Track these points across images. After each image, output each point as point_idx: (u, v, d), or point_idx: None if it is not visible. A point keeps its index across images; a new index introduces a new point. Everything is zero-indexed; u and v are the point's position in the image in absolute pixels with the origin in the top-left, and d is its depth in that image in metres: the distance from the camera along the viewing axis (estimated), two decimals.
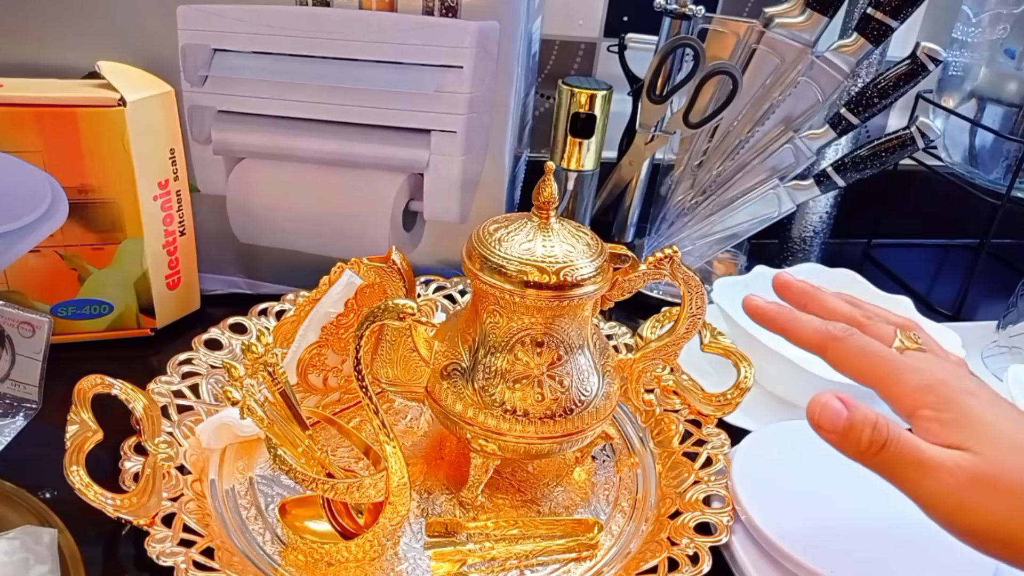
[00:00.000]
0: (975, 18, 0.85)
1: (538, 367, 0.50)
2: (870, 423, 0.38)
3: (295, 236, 0.73)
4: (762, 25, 0.72)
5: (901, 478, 0.38)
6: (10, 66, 0.62)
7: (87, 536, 0.48)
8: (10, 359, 0.58)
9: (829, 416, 0.39)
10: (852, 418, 0.38)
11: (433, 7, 0.64)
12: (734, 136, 0.76)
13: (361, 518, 0.51)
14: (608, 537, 0.54)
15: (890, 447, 0.37)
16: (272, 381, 0.48)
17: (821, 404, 0.39)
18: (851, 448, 0.39)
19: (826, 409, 0.39)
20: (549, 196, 0.50)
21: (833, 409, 0.39)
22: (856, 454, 0.39)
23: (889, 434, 0.38)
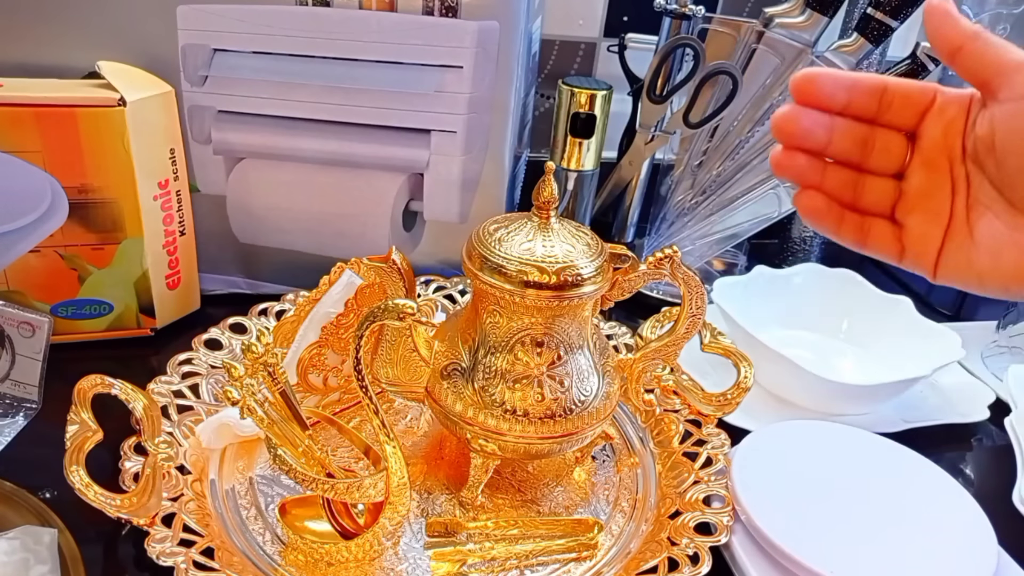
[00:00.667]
0: (975, 18, 0.85)
1: (538, 367, 0.50)
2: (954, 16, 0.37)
3: (295, 236, 0.73)
4: (762, 25, 0.72)
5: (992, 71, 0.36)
6: (10, 66, 0.62)
7: (87, 536, 0.48)
8: (10, 359, 0.58)
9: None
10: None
11: (433, 7, 0.64)
12: (734, 136, 0.76)
13: (361, 518, 0.51)
14: (608, 537, 0.54)
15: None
16: (272, 381, 0.48)
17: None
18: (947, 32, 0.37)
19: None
20: (549, 196, 0.50)
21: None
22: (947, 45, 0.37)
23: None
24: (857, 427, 0.59)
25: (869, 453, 0.58)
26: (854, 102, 0.40)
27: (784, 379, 0.66)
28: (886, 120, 0.40)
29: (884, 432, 0.60)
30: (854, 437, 0.59)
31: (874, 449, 0.58)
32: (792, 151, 0.40)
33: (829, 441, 0.58)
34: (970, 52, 0.37)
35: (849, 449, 0.58)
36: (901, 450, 0.57)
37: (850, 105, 0.40)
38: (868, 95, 0.40)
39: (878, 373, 0.70)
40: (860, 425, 0.60)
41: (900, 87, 0.40)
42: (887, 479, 0.55)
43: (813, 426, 0.60)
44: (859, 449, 0.58)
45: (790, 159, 0.41)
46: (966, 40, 0.37)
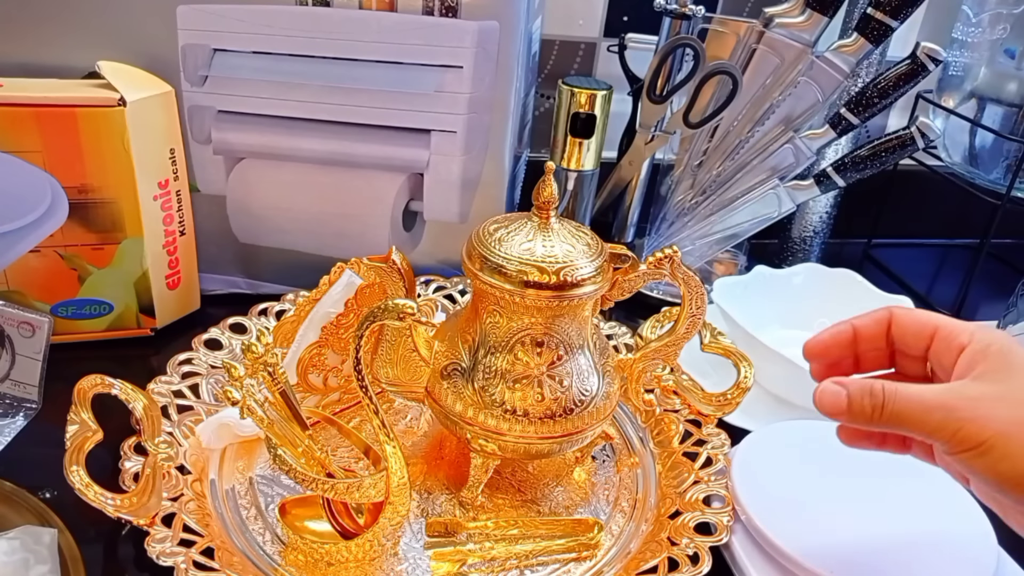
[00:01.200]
0: (975, 18, 0.85)
1: (538, 367, 0.50)
2: (866, 391, 0.40)
3: (295, 236, 0.73)
4: (762, 25, 0.72)
5: (916, 427, 0.39)
6: (10, 66, 0.62)
7: (87, 536, 0.48)
8: (10, 359, 0.58)
9: (830, 400, 0.42)
10: (850, 393, 0.41)
11: (433, 7, 0.64)
12: (734, 136, 0.76)
13: (361, 518, 0.51)
14: (608, 537, 0.54)
15: (889, 402, 0.40)
16: (272, 381, 0.48)
17: (821, 392, 0.42)
18: (862, 420, 0.41)
19: (825, 395, 0.42)
20: (549, 196, 0.50)
21: (831, 392, 0.42)
22: (868, 423, 0.41)
23: (885, 391, 0.40)
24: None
25: (869, 453, 0.57)
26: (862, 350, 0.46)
27: (784, 379, 0.66)
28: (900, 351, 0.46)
29: None
30: None
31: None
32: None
33: (829, 441, 0.58)
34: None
35: (849, 449, 0.58)
36: None
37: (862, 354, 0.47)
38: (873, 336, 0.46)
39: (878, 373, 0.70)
40: None
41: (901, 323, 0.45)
42: (887, 479, 0.55)
43: (813, 426, 0.60)
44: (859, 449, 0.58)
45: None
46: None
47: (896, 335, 0.45)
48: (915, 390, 0.40)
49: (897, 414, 0.40)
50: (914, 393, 0.39)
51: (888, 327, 0.45)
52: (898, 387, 0.40)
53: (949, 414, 0.38)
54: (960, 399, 0.39)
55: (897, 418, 0.40)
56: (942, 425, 0.38)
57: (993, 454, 0.37)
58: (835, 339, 0.47)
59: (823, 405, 0.42)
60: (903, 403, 0.39)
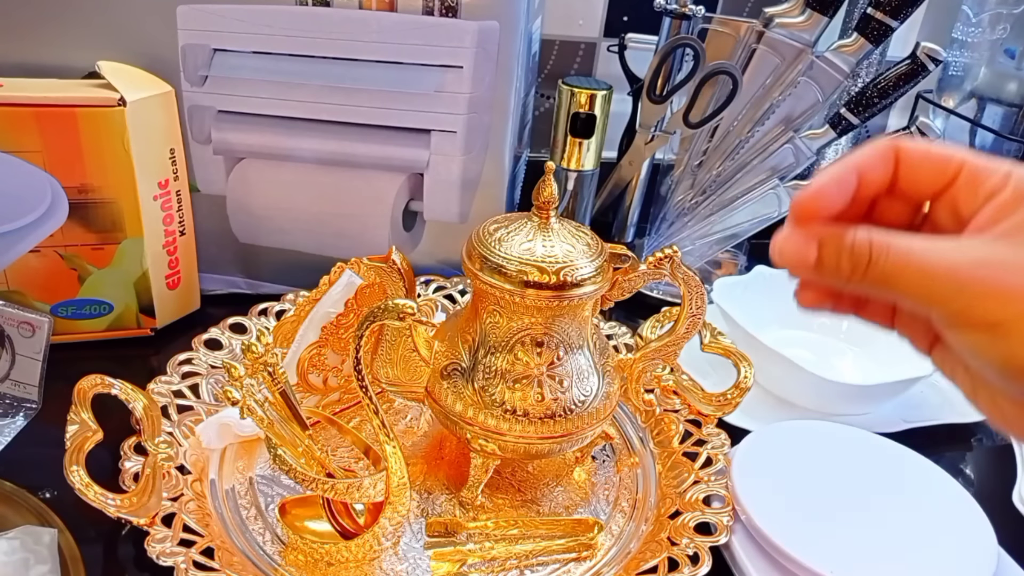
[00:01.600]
0: (975, 18, 0.85)
1: (538, 367, 0.50)
2: (847, 246, 0.31)
3: (295, 236, 0.73)
4: (762, 25, 0.72)
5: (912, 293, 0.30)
6: (10, 66, 0.62)
7: (87, 536, 0.48)
8: (10, 359, 0.58)
9: (793, 252, 0.32)
10: (823, 245, 0.31)
11: (433, 7, 0.64)
12: (734, 136, 0.76)
13: (361, 518, 0.51)
14: (608, 537, 0.54)
15: (878, 262, 0.30)
16: (272, 381, 0.48)
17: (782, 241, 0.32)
18: (836, 280, 0.32)
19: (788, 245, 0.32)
20: (549, 196, 0.50)
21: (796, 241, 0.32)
22: (846, 283, 0.31)
23: (873, 246, 0.30)
24: (857, 427, 0.59)
25: (869, 453, 0.58)
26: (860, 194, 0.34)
27: (784, 379, 0.66)
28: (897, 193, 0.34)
29: (884, 432, 0.60)
30: (854, 437, 0.58)
31: (874, 449, 0.58)
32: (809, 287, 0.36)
33: (829, 441, 0.58)
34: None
35: (849, 449, 0.58)
36: (901, 450, 0.57)
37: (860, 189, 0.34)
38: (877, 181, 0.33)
39: (878, 373, 0.70)
40: (860, 425, 0.60)
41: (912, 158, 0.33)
42: (887, 479, 0.55)
43: (813, 426, 0.60)
44: (859, 449, 0.58)
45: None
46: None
47: (905, 175, 0.33)
48: (917, 246, 0.30)
49: (889, 275, 0.30)
50: (916, 250, 0.30)
51: (896, 164, 0.33)
52: (892, 239, 0.30)
53: (961, 283, 0.29)
54: (976, 262, 0.29)
55: (888, 280, 0.30)
56: (949, 295, 0.29)
57: (1011, 338, 0.29)
58: (840, 188, 0.33)
59: (784, 258, 0.32)
60: (898, 261, 0.30)
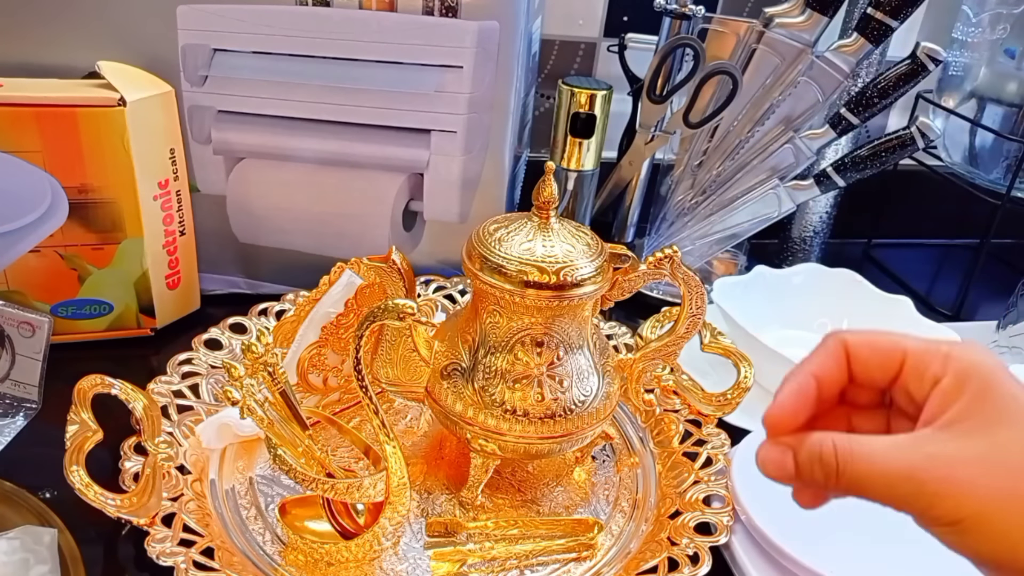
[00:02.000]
0: (975, 18, 0.85)
1: (538, 367, 0.50)
2: (815, 455, 0.33)
3: (295, 236, 0.73)
4: (762, 25, 0.72)
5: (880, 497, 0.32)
6: (10, 66, 0.62)
7: (87, 536, 0.48)
8: (10, 359, 0.58)
9: (775, 466, 0.34)
10: (797, 457, 0.34)
11: (433, 7, 0.64)
12: (734, 136, 0.76)
13: (361, 518, 0.51)
14: (608, 537, 0.54)
15: (844, 467, 0.32)
16: (272, 381, 0.48)
17: (763, 457, 0.35)
18: (816, 487, 0.34)
19: (768, 461, 0.35)
20: (549, 196, 0.50)
21: (776, 456, 0.34)
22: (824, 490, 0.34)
23: (838, 453, 0.32)
24: None
25: None
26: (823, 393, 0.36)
27: None
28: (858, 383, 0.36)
29: None
30: None
31: None
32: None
33: None
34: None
35: None
36: None
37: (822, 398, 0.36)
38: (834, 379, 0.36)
39: None
40: None
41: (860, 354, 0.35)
42: None
43: None
44: None
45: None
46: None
47: (857, 369, 0.35)
48: (878, 449, 0.32)
49: (856, 482, 0.32)
50: (876, 454, 0.32)
51: (847, 361, 0.35)
52: (854, 445, 0.32)
53: (918, 485, 0.31)
54: (931, 464, 0.31)
55: (857, 486, 0.32)
56: (911, 497, 0.31)
57: (972, 534, 0.31)
58: (801, 398, 0.35)
59: (767, 471, 0.34)
60: (862, 468, 0.32)
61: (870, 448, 0.32)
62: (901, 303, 0.73)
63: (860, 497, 0.33)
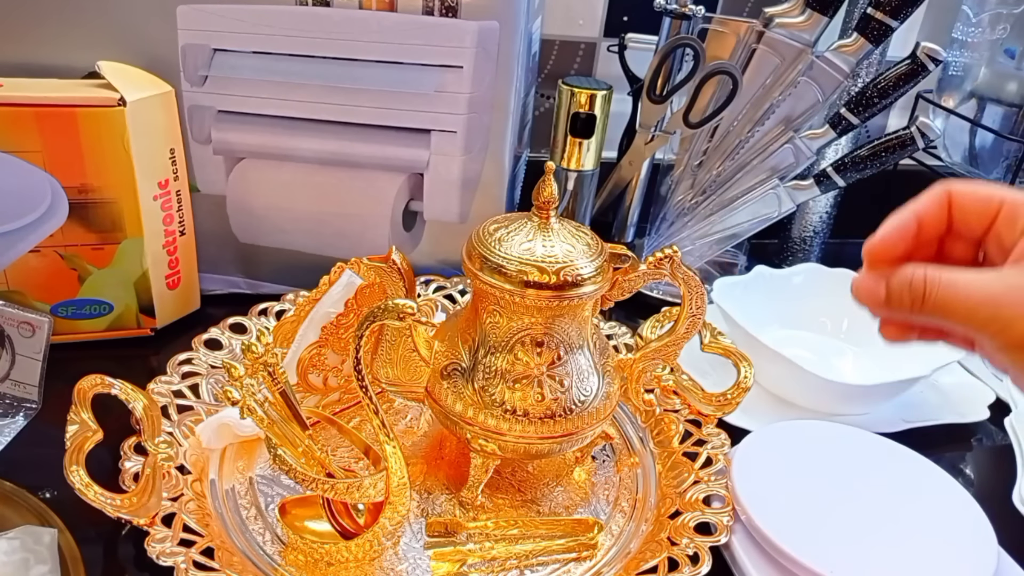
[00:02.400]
0: (975, 18, 0.85)
1: (538, 367, 0.50)
2: (906, 282, 0.37)
3: (295, 236, 0.73)
4: (762, 25, 0.72)
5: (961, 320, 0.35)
6: (10, 66, 0.62)
7: (87, 536, 0.48)
8: (10, 359, 0.58)
9: (867, 293, 0.38)
10: (889, 285, 0.37)
11: (433, 7, 0.64)
12: (734, 136, 0.76)
13: (361, 518, 0.51)
14: (608, 537, 0.54)
15: (932, 293, 0.36)
16: (272, 381, 0.48)
17: (857, 284, 0.39)
18: (902, 312, 0.37)
19: (862, 287, 0.38)
20: (549, 196, 0.50)
21: (869, 283, 0.38)
22: (909, 314, 0.37)
23: (927, 281, 0.36)
24: (857, 427, 0.59)
25: (869, 453, 0.58)
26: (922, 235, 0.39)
27: (784, 379, 0.66)
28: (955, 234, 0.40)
29: (884, 432, 0.60)
30: (854, 437, 0.58)
31: (874, 449, 0.58)
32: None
33: (829, 441, 0.58)
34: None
35: (849, 449, 0.58)
36: (901, 450, 0.57)
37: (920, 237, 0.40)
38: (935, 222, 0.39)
39: (878, 373, 0.70)
40: (860, 425, 0.60)
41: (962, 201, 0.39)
42: (887, 479, 0.55)
43: (813, 426, 0.60)
44: (859, 449, 0.58)
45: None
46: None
47: (957, 216, 0.39)
48: (962, 279, 0.35)
49: (941, 306, 0.36)
50: (961, 282, 0.35)
51: (948, 208, 0.39)
52: (942, 275, 0.36)
53: (995, 310, 0.34)
54: (1010, 292, 0.34)
55: (941, 310, 0.36)
56: (990, 320, 0.34)
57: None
58: (901, 233, 0.39)
59: (860, 298, 0.39)
60: (948, 293, 0.35)
61: (955, 277, 0.36)
62: None
63: (943, 321, 0.36)
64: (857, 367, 0.73)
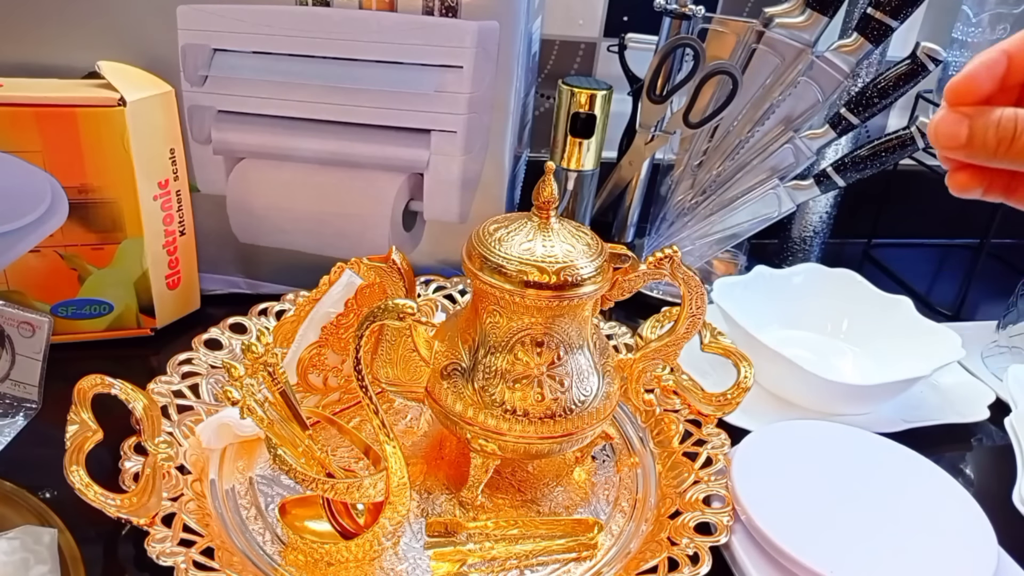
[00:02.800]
0: (975, 18, 0.85)
1: (538, 367, 0.50)
2: (993, 123, 0.35)
3: (295, 236, 0.73)
4: (762, 25, 0.72)
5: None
6: (10, 66, 0.62)
7: (87, 536, 0.48)
8: (10, 359, 0.58)
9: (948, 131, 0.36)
10: (973, 123, 0.35)
11: (433, 7, 0.64)
12: (734, 136, 0.76)
13: (361, 518, 0.51)
14: (608, 537, 0.54)
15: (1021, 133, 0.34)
16: (272, 381, 0.48)
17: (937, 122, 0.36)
18: (983, 155, 0.35)
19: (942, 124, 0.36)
20: (549, 196, 0.50)
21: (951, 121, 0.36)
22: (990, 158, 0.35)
23: (1018, 122, 0.34)
24: (857, 427, 0.59)
25: (869, 453, 0.58)
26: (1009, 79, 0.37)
27: (784, 379, 0.66)
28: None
29: (884, 432, 0.60)
30: (854, 437, 0.59)
31: (874, 449, 0.58)
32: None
33: (829, 441, 0.58)
34: None
35: (849, 449, 0.58)
36: (901, 450, 0.58)
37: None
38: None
39: (878, 373, 0.70)
40: (860, 425, 0.60)
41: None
42: (887, 479, 0.55)
43: (813, 426, 0.60)
44: (859, 449, 0.58)
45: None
46: None
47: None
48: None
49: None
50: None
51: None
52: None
53: None
54: None
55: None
56: None
57: None
58: (989, 71, 0.36)
59: (938, 138, 0.36)
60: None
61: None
62: (901, 303, 0.73)
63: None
64: (857, 367, 0.73)
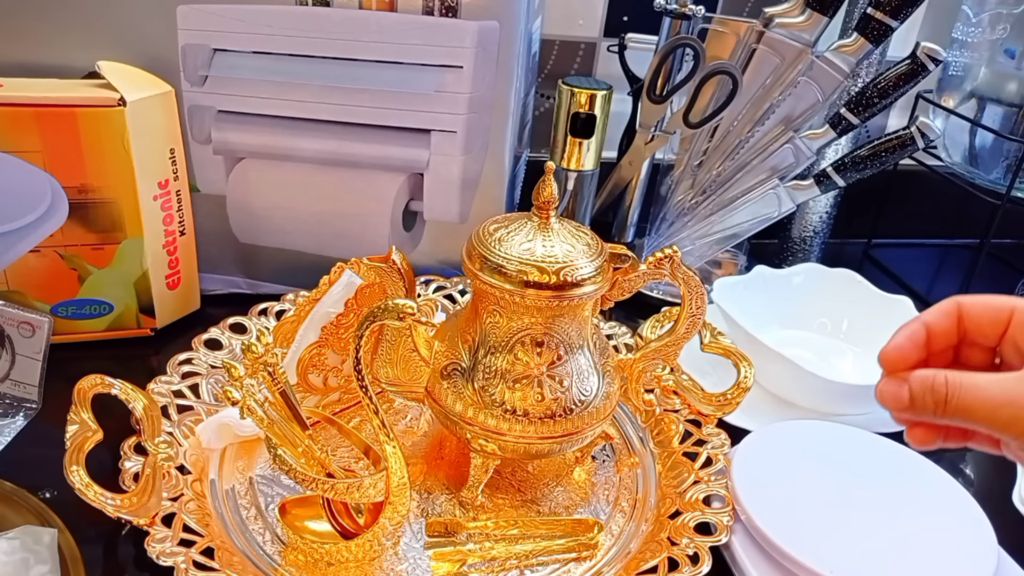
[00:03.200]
0: (975, 18, 0.85)
1: (538, 367, 0.50)
2: (928, 386, 0.39)
3: (295, 236, 0.73)
4: (762, 25, 0.72)
5: (983, 421, 0.37)
6: (10, 66, 0.62)
7: (87, 536, 0.48)
8: (10, 359, 0.58)
9: (891, 396, 0.40)
10: (912, 388, 0.39)
11: (433, 7, 0.64)
12: (734, 136, 0.76)
13: (361, 518, 0.51)
14: (608, 537, 0.54)
15: (953, 396, 0.38)
16: (272, 381, 0.48)
17: (881, 389, 0.41)
18: (925, 415, 0.39)
19: (886, 391, 0.41)
20: (549, 196, 0.50)
21: (892, 387, 0.40)
22: (932, 417, 0.39)
23: (948, 384, 0.38)
24: (857, 427, 0.59)
25: (869, 453, 0.58)
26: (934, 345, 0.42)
27: (784, 379, 0.66)
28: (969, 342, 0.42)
29: (884, 432, 0.60)
30: (854, 437, 0.59)
31: (874, 449, 0.58)
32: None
33: (829, 441, 0.58)
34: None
35: (849, 449, 0.58)
36: (901, 450, 0.57)
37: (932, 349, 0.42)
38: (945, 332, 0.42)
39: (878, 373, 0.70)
40: (860, 425, 0.60)
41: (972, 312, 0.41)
42: (887, 479, 0.55)
43: (813, 426, 0.60)
44: (859, 449, 0.58)
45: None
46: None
47: (969, 326, 0.42)
48: (982, 381, 0.38)
49: (963, 408, 0.38)
50: (981, 385, 0.37)
51: (958, 319, 0.42)
52: (962, 379, 0.38)
53: (1018, 410, 0.36)
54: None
55: (964, 412, 0.38)
56: (1012, 420, 0.36)
57: None
58: (912, 341, 0.42)
59: (884, 401, 0.41)
60: (969, 396, 0.37)
61: (975, 379, 0.38)
62: (901, 303, 0.73)
63: (967, 423, 0.38)
64: (857, 367, 0.73)
